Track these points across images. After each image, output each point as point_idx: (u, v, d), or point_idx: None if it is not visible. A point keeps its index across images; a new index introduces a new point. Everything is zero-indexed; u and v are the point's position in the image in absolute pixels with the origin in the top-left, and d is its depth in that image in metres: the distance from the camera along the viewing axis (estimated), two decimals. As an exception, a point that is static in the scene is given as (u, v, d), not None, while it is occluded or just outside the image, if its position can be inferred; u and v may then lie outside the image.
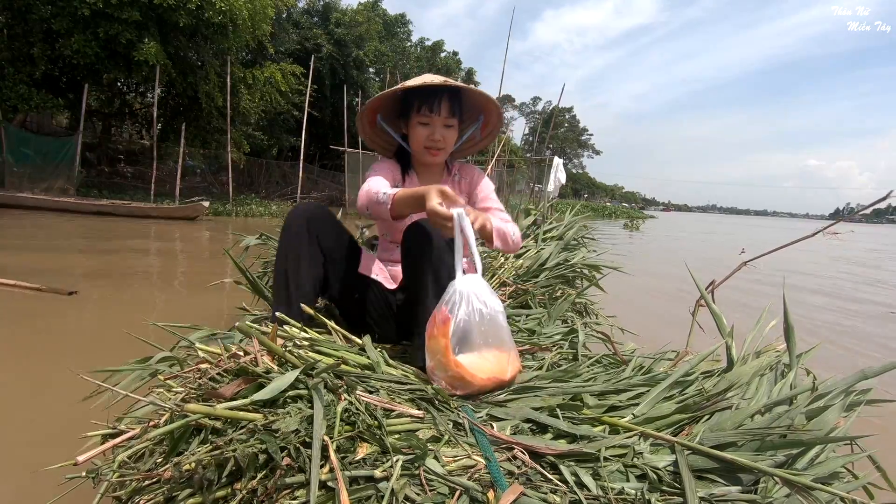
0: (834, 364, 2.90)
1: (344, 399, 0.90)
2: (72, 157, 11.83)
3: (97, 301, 3.73)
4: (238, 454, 0.73)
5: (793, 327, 1.14)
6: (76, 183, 11.79)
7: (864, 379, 0.98)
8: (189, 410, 0.75)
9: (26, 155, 11.33)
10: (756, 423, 0.92)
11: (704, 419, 0.99)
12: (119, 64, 12.52)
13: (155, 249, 7.05)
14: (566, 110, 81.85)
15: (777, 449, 0.87)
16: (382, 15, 23.87)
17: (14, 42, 11.91)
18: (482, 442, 0.92)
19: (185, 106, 15.14)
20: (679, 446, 0.89)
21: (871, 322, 4.33)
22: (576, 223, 3.12)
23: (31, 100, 11.83)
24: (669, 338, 1.75)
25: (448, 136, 1.53)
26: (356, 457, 0.83)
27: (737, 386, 1.05)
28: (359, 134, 1.65)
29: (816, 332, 3.62)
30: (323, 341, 1.15)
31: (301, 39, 19.41)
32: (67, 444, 0.96)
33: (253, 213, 13.90)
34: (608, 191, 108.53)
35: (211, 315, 3.33)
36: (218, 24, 12.62)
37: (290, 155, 20.86)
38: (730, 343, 1.19)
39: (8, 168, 11.06)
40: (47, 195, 10.59)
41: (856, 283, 6.41)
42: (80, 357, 2.55)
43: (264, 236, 3.15)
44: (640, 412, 1.05)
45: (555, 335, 1.78)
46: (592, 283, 2.52)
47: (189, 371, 0.97)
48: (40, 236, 7.11)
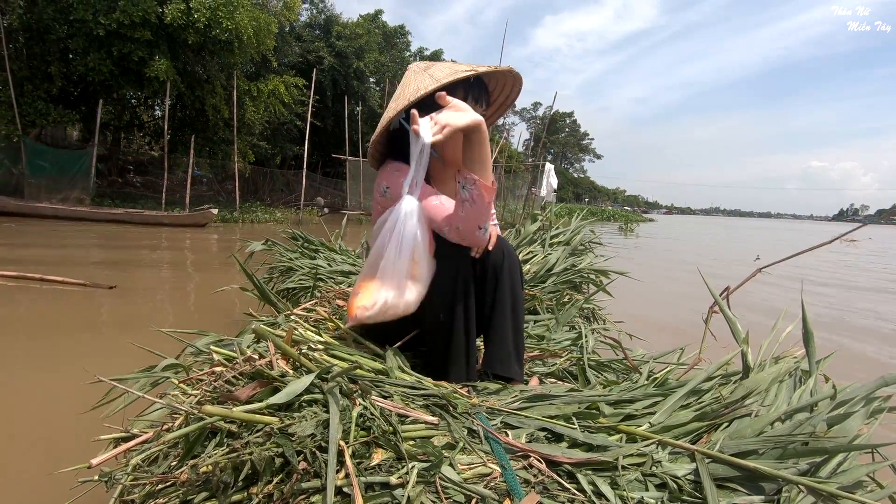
0: (848, 367, 2.86)
1: (359, 404, 0.89)
2: (87, 169, 12.41)
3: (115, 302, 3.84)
4: (255, 457, 0.72)
5: (812, 333, 1.13)
6: (91, 193, 12.39)
7: (885, 385, 0.96)
8: (206, 412, 0.74)
9: (42, 167, 11.93)
10: (777, 431, 0.90)
11: (723, 427, 0.98)
12: (131, 80, 13.22)
13: (168, 255, 7.34)
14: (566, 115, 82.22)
15: (799, 457, 0.85)
16: (382, 27, 24.64)
17: (32, 61, 12.61)
18: (497, 450, 0.91)
19: (192, 118, 15.76)
20: (699, 454, 0.88)
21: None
22: (582, 228, 3.11)
23: (48, 115, 12.46)
24: (671, 340, 1.73)
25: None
26: (371, 462, 0.82)
27: (755, 393, 1.03)
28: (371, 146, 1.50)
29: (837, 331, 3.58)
30: (337, 345, 1.14)
31: (303, 52, 20.08)
32: (82, 447, 0.96)
33: (258, 220, 14.37)
34: (610, 194, 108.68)
35: (219, 320, 3.34)
36: (224, 41, 13.21)
37: (293, 163, 21.40)
38: (745, 349, 1.18)
39: (25, 180, 11.67)
40: (64, 205, 11.14)
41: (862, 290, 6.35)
42: (96, 359, 2.57)
43: (270, 242, 3.17)
44: (657, 420, 1.03)
45: (563, 341, 1.77)
46: (600, 288, 2.51)
47: (204, 374, 0.97)
48: (65, 243, 7.60)
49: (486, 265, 1.32)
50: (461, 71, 1.25)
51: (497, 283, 1.32)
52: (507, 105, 1.56)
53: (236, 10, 12.86)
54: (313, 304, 1.84)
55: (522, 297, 1.39)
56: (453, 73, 1.24)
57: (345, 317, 1.61)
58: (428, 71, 1.30)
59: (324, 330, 1.36)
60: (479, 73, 1.28)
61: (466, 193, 1.18)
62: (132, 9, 11.89)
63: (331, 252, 3.11)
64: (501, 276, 1.31)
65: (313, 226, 12.23)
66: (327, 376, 0.92)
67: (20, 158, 11.68)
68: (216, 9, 12.55)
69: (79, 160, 12.42)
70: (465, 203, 1.19)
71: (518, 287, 1.35)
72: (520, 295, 1.36)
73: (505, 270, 1.32)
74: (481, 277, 1.33)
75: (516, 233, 3.36)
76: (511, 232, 3.43)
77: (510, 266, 1.33)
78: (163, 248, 7.88)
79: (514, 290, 1.34)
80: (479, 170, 1.18)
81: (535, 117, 72.45)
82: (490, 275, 1.32)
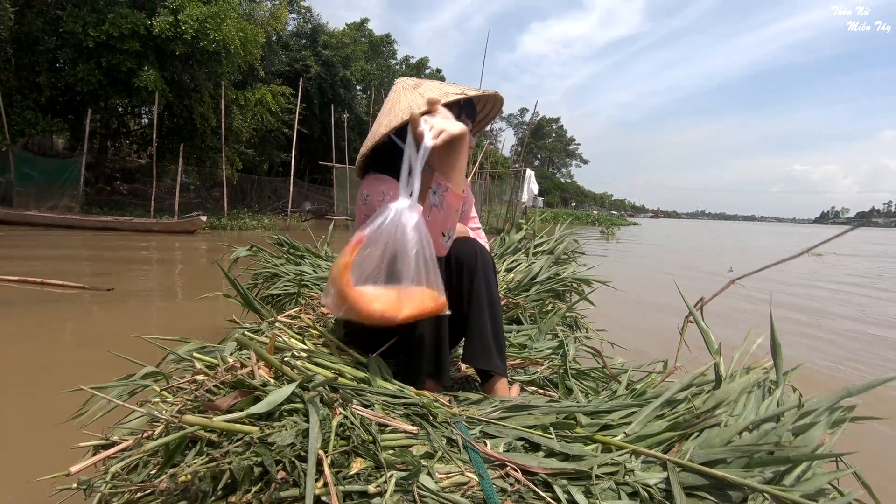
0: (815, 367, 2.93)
1: (339, 413, 0.91)
2: (76, 177, 12.56)
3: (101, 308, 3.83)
4: (234, 467, 0.73)
5: (780, 345, 1.16)
6: (80, 201, 12.53)
7: (849, 396, 1.00)
8: (186, 422, 0.75)
9: (30, 176, 12.10)
10: (744, 440, 0.93)
11: (694, 436, 1.00)
12: (120, 89, 13.47)
13: (156, 261, 7.44)
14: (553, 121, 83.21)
15: (765, 465, 0.88)
16: (369, 35, 25.11)
17: (21, 71, 12.84)
18: (475, 459, 0.93)
19: (180, 126, 15.90)
20: (671, 464, 0.91)
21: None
22: (566, 237, 3.15)
23: (37, 124, 12.68)
24: (653, 346, 1.77)
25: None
26: (350, 472, 0.83)
27: (725, 403, 1.06)
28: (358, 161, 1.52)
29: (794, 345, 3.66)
30: (320, 353, 1.16)
31: (290, 61, 20.38)
32: (61, 455, 0.96)
33: (247, 227, 14.45)
34: (597, 199, 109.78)
35: (203, 326, 3.32)
36: (212, 52, 13.44)
37: (280, 170, 21.52)
38: (718, 360, 1.21)
39: (14, 189, 11.81)
40: (53, 213, 11.28)
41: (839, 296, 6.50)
42: (77, 368, 2.54)
43: (255, 248, 3.15)
44: (632, 430, 1.06)
45: (545, 350, 1.80)
46: (582, 297, 2.55)
47: (186, 382, 0.97)
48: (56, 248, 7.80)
49: (461, 265, 1.35)
50: (452, 94, 1.28)
51: (472, 280, 1.34)
52: (485, 123, 1.62)
53: (224, 21, 13.12)
54: (297, 311, 1.85)
55: (498, 293, 1.41)
56: (444, 94, 1.28)
57: (329, 324, 1.62)
58: (418, 90, 1.32)
59: (308, 337, 1.38)
60: (469, 96, 1.32)
61: (437, 199, 1.20)
62: (121, 21, 12.20)
63: (316, 258, 3.11)
64: (476, 274, 1.34)
65: (300, 232, 12.23)
66: (309, 385, 0.93)
67: (8, 168, 11.79)
68: (204, 21, 12.80)
69: (67, 169, 12.58)
70: (433, 208, 1.21)
71: (493, 284, 1.38)
72: (495, 291, 1.39)
73: (479, 268, 1.34)
74: (457, 280, 1.35)
75: (501, 241, 3.39)
76: (496, 240, 3.47)
77: (483, 264, 1.36)
78: (152, 255, 7.92)
79: (489, 286, 1.36)
80: (453, 177, 1.21)
81: (522, 123, 73.25)
82: (465, 274, 1.34)
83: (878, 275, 9.68)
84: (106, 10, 12.35)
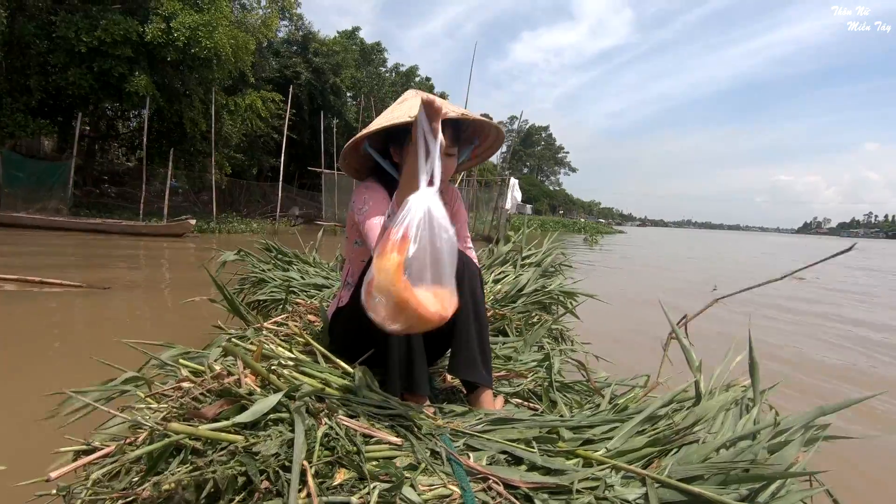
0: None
1: (324, 423, 0.91)
2: (65, 180, 12.56)
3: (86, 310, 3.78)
4: (218, 476, 0.73)
5: (757, 364, 1.19)
6: (69, 204, 12.52)
7: (823, 415, 1.03)
8: (172, 430, 0.75)
9: (19, 178, 12.07)
10: (721, 457, 0.95)
11: (673, 452, 1.02)
12: (111, 94, 13.50)
13: (145, 264, 7.41)
14: (542, 129, 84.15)
15: (741, 483, 0.90)
16: (360, 43, 25.41)
17: (12, 74, 12.86)
18: (458, 472, 0.94)
19: (170, 130, 15.83)
20: (649, 479, 0.92)
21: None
22: (554, 250, 3.18)
23: (27, 127, 12.68)
24: (637, 359, 1.79)
25: (449, 165, 1.45)
26: (334, 482, 0.84)
27: (704, 420, 1.09)
28: (340, 161, 1.53)
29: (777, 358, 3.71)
30: (307, 362, 1.16)
31: (281, 67, 20.56)
32: (41, 459, 0.94)
33: (235, 231, 14.48)
34: (585, 206, 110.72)
35: (188, 330, 3.28)
36: (203, 59, 13.57)
37: (269, 175, 21.60)
38: (698, 377, 1.24)
39: (2, 190, 11.75)
40: (42, 215, 11.25)
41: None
42: (64, 368, 2.50)
43: (242, 252, 3.13)
44: (614, 446, 1.07)
45: (530, 362, 1.81)
46: (568, 310, 2.56)
47: (171, 388, 0.97)
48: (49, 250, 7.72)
49: None
50: (452, 111, 1.32)
51: (459, 291, 1.33)
52: (486, 156, 1.68)
53: (215, 29, 13.21)
54: (285, 318, 1.85)
55: (484, 304, 1.42)
56: (452, 109, 1.33)
57: (315, 332, 1.62)
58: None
59: (294, 345, 1.38)
60: (471, 118, 1.37)
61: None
62: (114, 27, 12.28)
63: (304, 264, 3.10)
64: (462, 285, 1.31)
65: (289, 236, 12.15)
66: (295, 395, 0.93)
67: (-1, 170, 11.75)
68: (196, 28, 12.90)
69: (56, 171, 12.58)
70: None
71: (479, 295, 1.38)
72: (481, 302, 1.39)
73: (465, 279, 1.33)
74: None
75: (490, 252, 3.41)
76: (485, 251, 3.49)
77: (470, 275, 1.35)
78: (140, 258, 7.87)
79: (475, 296, 1.36)
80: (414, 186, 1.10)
81: (512, 131, 73.94)
82: None
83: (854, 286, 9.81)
84: (99, 17, 12.45)
